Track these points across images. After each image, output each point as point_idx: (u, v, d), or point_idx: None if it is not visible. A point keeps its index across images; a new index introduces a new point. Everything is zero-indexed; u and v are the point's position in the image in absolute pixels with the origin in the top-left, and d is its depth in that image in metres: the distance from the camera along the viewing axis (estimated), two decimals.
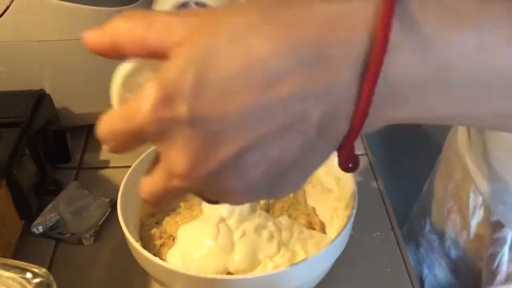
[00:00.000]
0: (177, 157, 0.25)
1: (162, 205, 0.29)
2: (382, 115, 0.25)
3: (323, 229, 0.57)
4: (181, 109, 0.23)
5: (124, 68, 0.28)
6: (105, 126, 0.26)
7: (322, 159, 0.27)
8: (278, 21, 0.23)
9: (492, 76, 0.25)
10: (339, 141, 0.26)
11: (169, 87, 0.23)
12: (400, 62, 0.24)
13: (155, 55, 0.25)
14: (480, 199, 0.63)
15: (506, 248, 0.60)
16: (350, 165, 0.28)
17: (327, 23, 0.23)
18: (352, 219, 0.48)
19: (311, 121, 0.24)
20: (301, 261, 0.44)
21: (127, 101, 0.25)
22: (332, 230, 0.56)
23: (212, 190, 0.27)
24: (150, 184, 0.28)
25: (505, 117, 0.27)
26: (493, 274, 0.61)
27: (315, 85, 0.23)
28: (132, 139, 0.26)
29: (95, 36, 0.27)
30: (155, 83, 0.24)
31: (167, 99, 0.23)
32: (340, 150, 0.27)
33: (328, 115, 0.24)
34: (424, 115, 0.26)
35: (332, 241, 0.45)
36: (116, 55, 0.27)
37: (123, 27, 0.26)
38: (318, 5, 0.24)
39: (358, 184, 0.51)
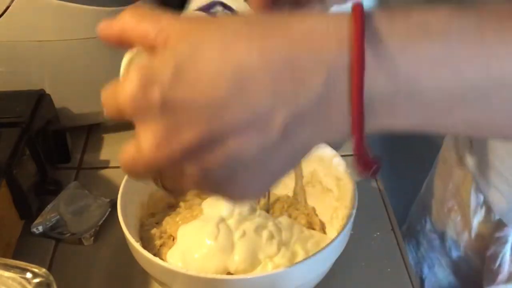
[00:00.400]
0: (145, 136, 0.27)
1: (133, 176, 0.30)
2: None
3: (323, 229, 0.57)
4: (155, 96, 0.26)
5: (132, 51, 0.31)
6: (103, 96, 0.29)
7: (285, 166, 0.29)
8: (258, 31, 0.26)
9: (460, 87, 0.26)
10: (305, 149, 0.28)
11: (149, 75, 0.26)
12: (369, 77, 0.25)
13: (155, 49, 0.28)
14: (481, 198, 0.62)
15: (507, 248, 0.60)
16: (373, 169, 0.29)
17: (301, 36, 0.25)
18: (352, 219, 0.48)
19: (274, 122, 0.26)
20: (301, 261, 0.45)
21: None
22: (332, 230, 0.56)
23: (172, 172, 0.29)
24: (124, 153, 0.29)
25: (477, 125, 0.28)
26: (495, 273, 0.61)
27: (282, 89, 0.25)
28: (117, 112, 0.28)
29: (106, 27, 0.30)
30: (139, 70, 0.26)
31: (145, 85, 0.26)
32: (355, 160, 0.28)
33: (292, 120, 0.26)
34: (397, 124, 0.27)
35: (332, 241, 0.45)
36: (122, 45, 0.30)
37: (130, 22, 0.29)
38: (296, 21, 0.26)
39: (358, 184, 0.51)
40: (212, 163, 0.27)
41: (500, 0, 0.27)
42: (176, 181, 0.30)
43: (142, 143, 0.27)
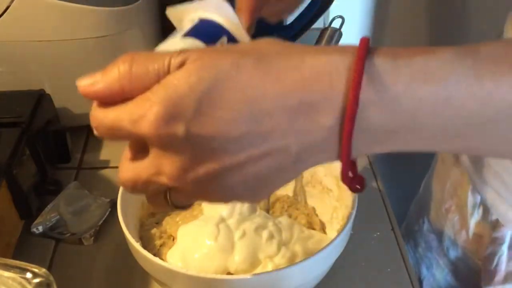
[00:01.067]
0: (168, 162, 0.29)
1: (135, 192, 0.32)
2: (362, 150, 0.29)
3: (323, 229, 0.57)
4: (180, 129, 0.27)
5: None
6: (107, 119, 0.29)
7: (292, 178, 0.32)
8: (273, 70, 0.28)
9: (459, 123, 0.28)
10: (308, 168, 0.31)
11: (173, 107, 0.27)
12: (375, 115, 0.28)
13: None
14: (478, 198, 0.63)
15: (504, 248, 0.60)
16: (358, 186, 0.32)
17: (314, 76, 0.28)
18: (352, 219, 0.48)
19: (289, 153, 0.29)
20: (301, 261, 0.45)
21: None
22: (332, 230, 0.56)
23: (193, 191, 0.30)
24: (132, 170, 0.31)
25: (475, 150, 0.32)
26: (492, 273, 0.61)
27: (296, 128, 0.28)
28: (128, 138, 0.29)
29: (93, 83, 0.29)
30: (163, 98, 0.27)
31: (169, 118, 0.27)
32: (341, 177, 0.31)
33: (305, 151, 0.29)
34: (400, 149, 0.30)
35: (332, 241, 0.45)
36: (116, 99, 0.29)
37: (133, 68, 0.29)
38: (310, 58, 0.28)
39: None
40: (232, 183, 0.29)
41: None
42: (197, 197, 0.32)
43: (166, 168, 0.29)
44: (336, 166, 0.55)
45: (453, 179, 0.68)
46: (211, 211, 0.53)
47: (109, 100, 0.29)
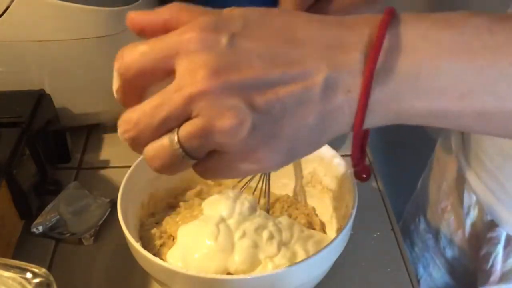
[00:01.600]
0: (207, 60, 0.29)
1: (135, 131, 0.31)
2: (382, 103, 0.31)
3: (323, 229, 0.57)
4: (224, 38, 0.30)
5: None
6: (145, 44, 0.31)
7: (313, 131, 0.32)
8: (316, 17, 0.32)
9: (471, 73, 0.30)
10: (331, 124, 0.32)
11: (222, 21, 0.30)
12: (394, 59, 0.30)
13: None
14: (474, 198, 0.63)
15: (500, 248, 0.60)
16: (364, 176, 0.34)
17: (350, 23, 0.32)
18: (352, 219, 0.48)
19: (316, 79, 0.30)
20: (301, 261, 0.45)
21: None
22: (332, 230, 0.56)
23: (218, 108, 0.29)
24: (141, 104, 0.31)
25: (486, 115, 0.31)
26: (487, 273, 0.61)
27: (329, 55, 0.30)
28: (166, 55, 0.30)
29: (144, 16, 0.33)
30: (215, 14, 0.31)
31: (217, 26, 0.30)
32: (353, 153, 0.33)
33: (331, 81, 0.30)
34: (415, 109, 0.31)
35: (332, 241, 0.45)
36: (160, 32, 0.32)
37: (182, 7, 0.32)
38: (347, 17, 0.32)
39: (358, 184, 0.51)
40: (259, 102, 0.30)
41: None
42: (207, 125, 0.30)
43: (203, 66, 0.29)
44: (337, 166, 0.56)
45: (449, 179, 0.69)
46: (211, 211, 0.53)
47: (155, 31, 0.32)
